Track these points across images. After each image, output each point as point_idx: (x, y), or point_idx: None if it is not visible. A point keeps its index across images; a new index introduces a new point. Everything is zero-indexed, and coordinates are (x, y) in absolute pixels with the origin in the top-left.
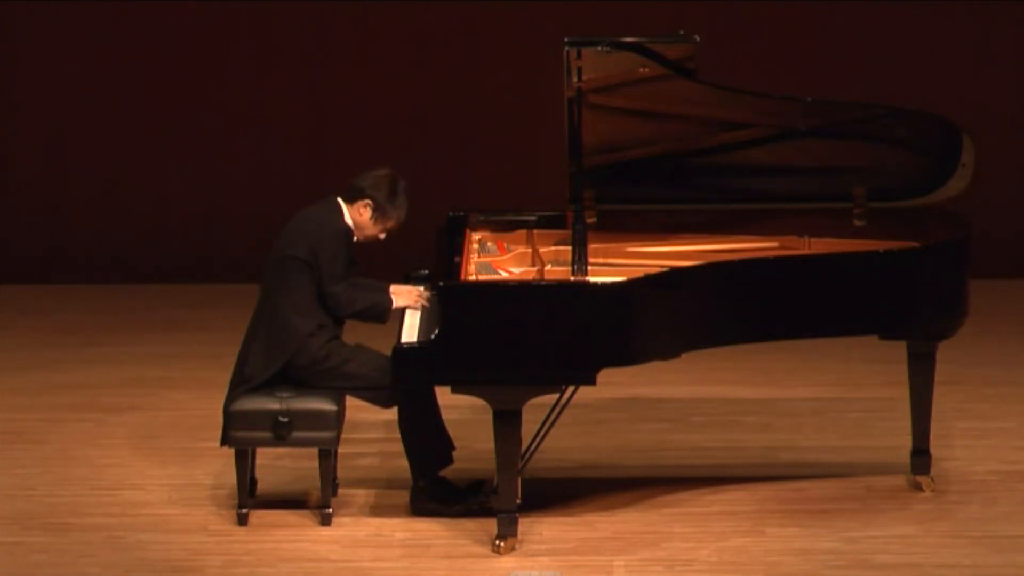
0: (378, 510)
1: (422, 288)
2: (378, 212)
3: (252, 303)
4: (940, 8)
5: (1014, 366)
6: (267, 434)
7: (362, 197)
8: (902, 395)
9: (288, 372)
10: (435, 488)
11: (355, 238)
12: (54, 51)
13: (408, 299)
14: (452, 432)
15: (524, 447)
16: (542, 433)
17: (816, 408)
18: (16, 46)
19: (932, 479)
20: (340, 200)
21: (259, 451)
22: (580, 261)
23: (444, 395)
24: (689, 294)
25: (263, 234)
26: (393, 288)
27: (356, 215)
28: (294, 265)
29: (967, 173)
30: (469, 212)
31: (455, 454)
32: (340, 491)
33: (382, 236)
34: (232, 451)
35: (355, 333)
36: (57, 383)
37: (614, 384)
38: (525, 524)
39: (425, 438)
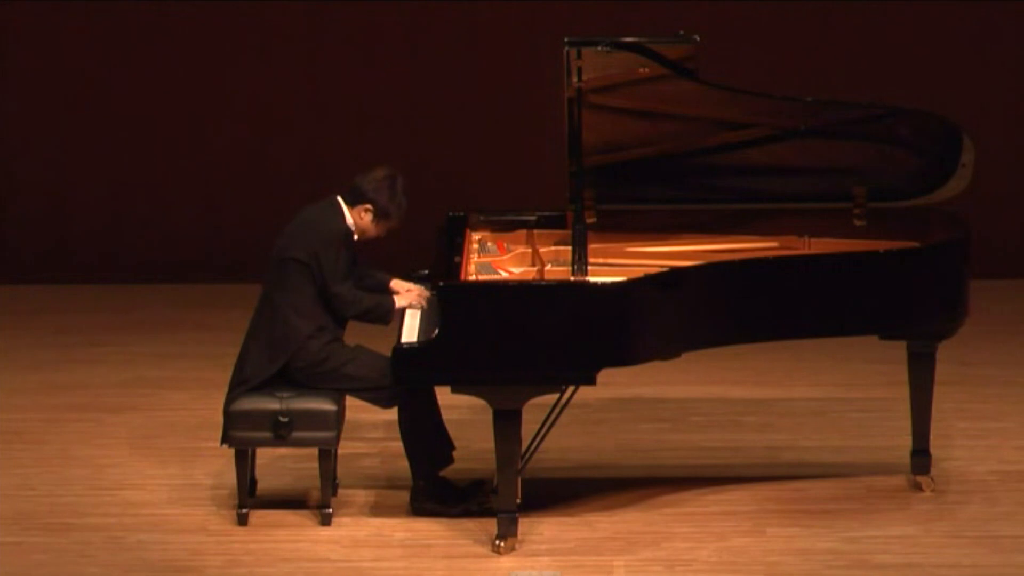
0: (378, 510)
1: (422, 287)
2: (380, 216)
3: (252, 303)
4: (940, 8)
5: (1014, 366)
6: (267, 434)
7: (364, 202)
8: (902, 395)
9: (287, 374)
10: (435, 488)
11: (355, 237)
12: (54, 51)
13: (409, 299)
14: (452, 432)
15: (524, 447)
16: (542, 433)
17: (816, 408)
18: (16, 46)
19: (932, 479)
20: (341, 200)
21: (259, 451)
22: (580, 261)
23: (444, 395)
24: (689, 294)
25: (263, 234)
26: (394, 283)
27: (358, 219)
28: (294, 267)
29: (967, 173)
30: (469, 212)
31: (455, 454)
32: (340, 491)
33: (382, 234)
34: (232, 451)
35: (355, 334)
36: (57, 383)
37: (614, 384)
38: (525, 524)
39: (425, 438)
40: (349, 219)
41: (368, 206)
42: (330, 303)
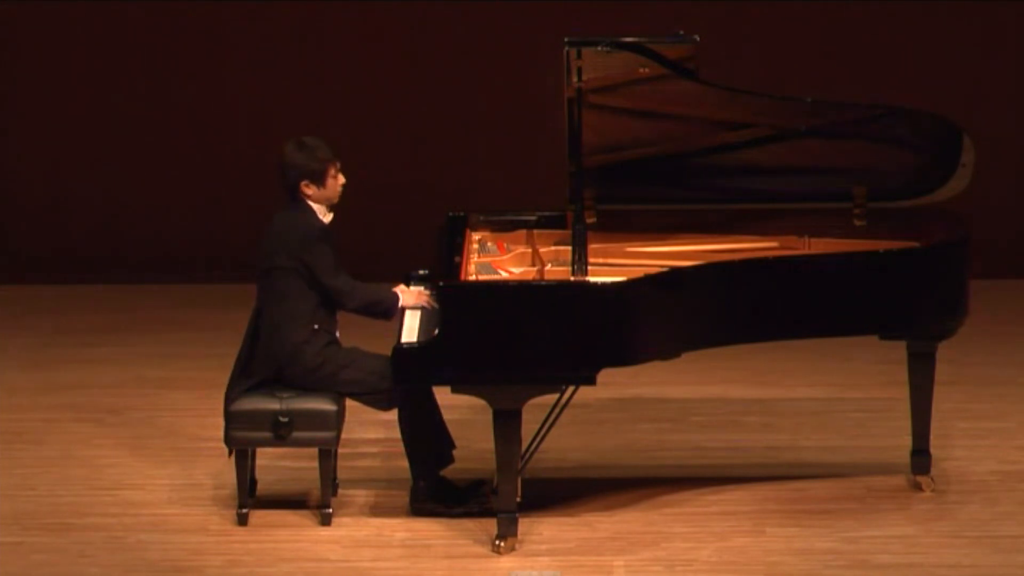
0: (378, 510)
1: (422, 289)
2: (316, 177)
3: (252, 303)
4: (941, 7)
5: (1014, 366)
6: (267, 434)
7: (299, 184)
8: (902, 395)
9: (285, 380)
10: (435, 488)
11: (330, 219)
12: (54, 51)
13: (414, 298)
14: (452, 432)
15: (524, 447)
16: (542, 433)
17: (816, 408)
18: (16, 46)
19: (932, 479)
20: (301, 199)
21: (259, 451)
22: (580, 261)
23: (444, 395)
24: (689, 294)
25: (263, 234)
26: (399, 289)
27: (311, 198)
28: (279, 275)
29: (967, 173)
30: (469, 212)
31: (455, 454)
32: (340, 491)
33: (341, 179)
34: (232, 451)
35: (356, 333)
36: (57, 383)
37: (614, 384)
38: (525, 524)
39: (425, 438)
40: (315, 207)
41: (304, 181)
42: (329, 299)
